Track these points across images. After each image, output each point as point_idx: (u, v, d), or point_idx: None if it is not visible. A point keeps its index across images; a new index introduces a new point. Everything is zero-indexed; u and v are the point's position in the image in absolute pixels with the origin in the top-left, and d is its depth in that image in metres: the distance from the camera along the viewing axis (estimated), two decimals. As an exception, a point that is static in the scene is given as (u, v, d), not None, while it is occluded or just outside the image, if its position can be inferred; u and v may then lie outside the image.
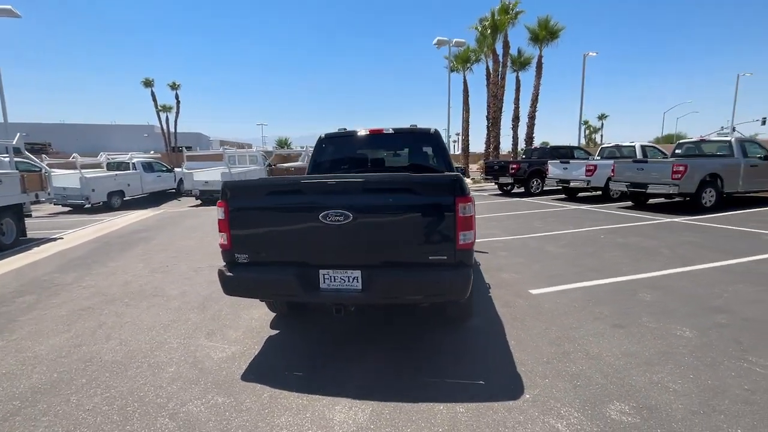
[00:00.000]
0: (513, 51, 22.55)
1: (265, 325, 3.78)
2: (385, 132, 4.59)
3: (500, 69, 20.95)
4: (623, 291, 4.37)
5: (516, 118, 23.15)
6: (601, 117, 66.70)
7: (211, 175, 15.57)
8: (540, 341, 3.26)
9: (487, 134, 23.98)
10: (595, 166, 12.19)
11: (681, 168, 9.35)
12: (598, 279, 4.78)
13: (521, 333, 3.42)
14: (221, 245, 3.00)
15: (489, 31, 20.40)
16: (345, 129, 4.80)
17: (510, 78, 22.59)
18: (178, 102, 41.11)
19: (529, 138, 23.11)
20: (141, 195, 16.09)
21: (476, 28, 21.58)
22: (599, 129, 68.07)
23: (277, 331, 3.65)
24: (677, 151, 11.63)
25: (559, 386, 2.62)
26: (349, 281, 2.81)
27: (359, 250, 2.79)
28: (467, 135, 24.53)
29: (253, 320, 3.92)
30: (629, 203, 11.24)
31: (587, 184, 12.44)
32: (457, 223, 2.63)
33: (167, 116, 41.97)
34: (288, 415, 2.42)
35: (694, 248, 6.12)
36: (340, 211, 2.70)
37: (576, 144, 21.29)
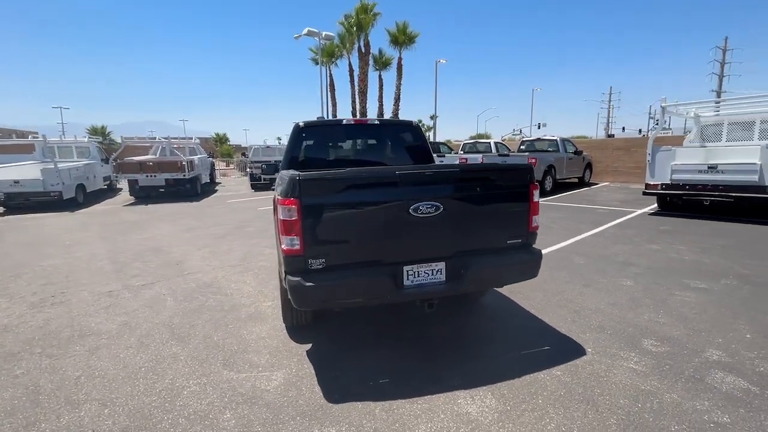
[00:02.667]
0: (374, 51, 23.87)
1: (285, 341, 3.27)
2: (369, 122, 4.45)
3: (366, 66, 21.92)
4: (562, 258, 5.42)
5: (381, 115, 24.64)
6: (432, 117, 76.57)
7: (24, 172, 11.61)
8: (550, 307, 3.82)
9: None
10: (466, 159, 14.18)
11: (533, 161, 11.80)
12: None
13: (531, 303, 3.92)
14: (289, 251, 2.48)
15: (354, 29, 21.05)
16: (322, 117, 4.43)
17: (373, 77, 23.85)
18: None
19: (392, 134, 24.92)
20: None
21: (342, 24, 21.95)
22: (432, 128, 78.04)
23: (309, 345, 3.21)
24: (522, 147, 14.55)
25: (600, 338, 3.19)
26: (433, 274, 2.74)
27: (445, 242, 2.75)
28: (335, 129, 24.83)
29: (264, 338, 3.33)
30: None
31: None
32: (531, 207, 2.89)
33: None
34: (425, 420, 2.26)
35: (569, 222, 7.94)
36: (431, 202, 2.61)
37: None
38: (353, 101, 24.40)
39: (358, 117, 24.24)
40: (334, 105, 24.23)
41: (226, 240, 7.22)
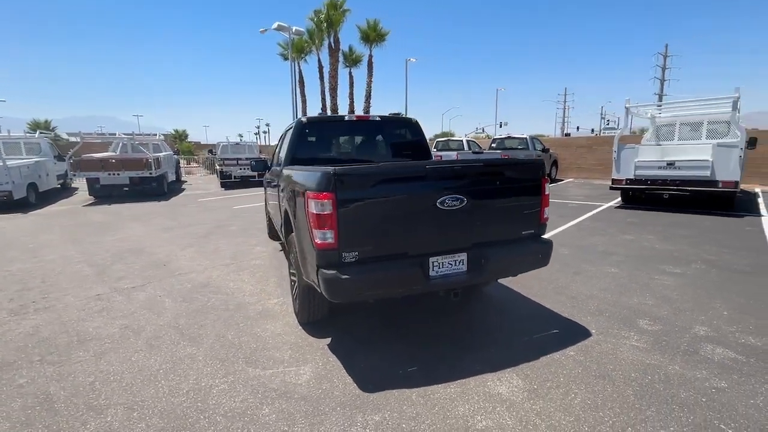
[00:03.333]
0: (345, 48, 23.72)
1: (303, 337, 3.27)
2: (371, 119, 4.50)
3: (336, 63, 21.74)
4: (548, 250, 5.73)
5: (351, 112, 24.54)
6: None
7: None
8: (549, 294, 4.07)
9: (323, 126, 24.57)
10: (441, 157, 14.50)
11: (506, 156, 12.31)
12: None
13: (530, 291, 4.15)
14: (322, 245, 2.50)
15: (324, 25, 20.79)
16: (323, 113, 4.42)
17: (343, 74, 23.71)
18: None
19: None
20: None
21: (312, 19, 21.60)
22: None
23: (328, 339, 3.24)
24: (493, 145, 15.08)
25: (600, 320, 3.45)
26: (455, 265, 2.86)
27: (466, 233, 2.87)
28: (305, 126, 24.39)
29: (280, 335, 3.32)
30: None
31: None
32: (543, 199, 3.07)
33: None
34: (462, 402, 2.37)
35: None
36: (456, 195, 2.72)
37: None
38: (323, 98, 24.14)
39: (328, 113, 24.04)
40: (304, 102, 23.89)
41: (209, 239, 7.00)
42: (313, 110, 24.79)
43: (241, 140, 27.22)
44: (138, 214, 10.07)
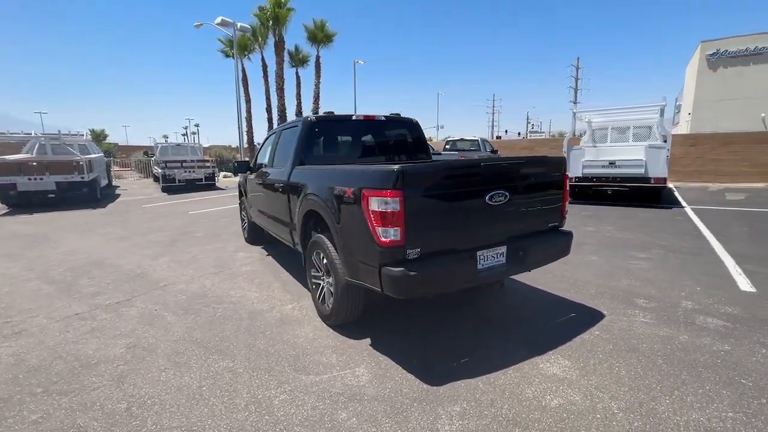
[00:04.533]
0: (291, 47, 23.07)
1: (342, 339, 3.20)
2: (377, 118, 4.51)
3: (282, 62, 21.05)
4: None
5: (299, 113, 23.90)
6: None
7: None
8: (550, 282, 4.39)
9: (269, 127, 23.65)
10: (463, 156, 14.74)
11: (462, 157, 12.89)
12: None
13: (534, 281, 4.45)
14: (386, 243, 2.48)
15: (270, 22, 20.01)
16: (332, 112, 4.33)
17: (290, 74, 23.04)
18: None
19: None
20: None
21: (257, 16, 20.61)
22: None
23: (367, 339, 3.20)
24: (447, 146, 15.69)
25: (605, 302, 3.82)
26: (497, 258, 3.00)
27: (506, 227, 3.03)
28: (251, 127, 23.26)
29: (316, 339, 3.21)
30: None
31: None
32: (564, 194, 3.34)
33: None
34: (526, 385, 2.51)
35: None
36: (502, 191, 2.87)
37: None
38: (267, 97, 23.25)
39: (274, 114, 23.21)
40: (249, 101, 22.72)
41: (178, 247, 6.45)
42: (259, 110, 23.76)
43: (166, 141, 25.20)
44: (75, 223, 8.94)
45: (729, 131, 16.04)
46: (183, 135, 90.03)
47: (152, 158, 18.25)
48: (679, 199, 10.61)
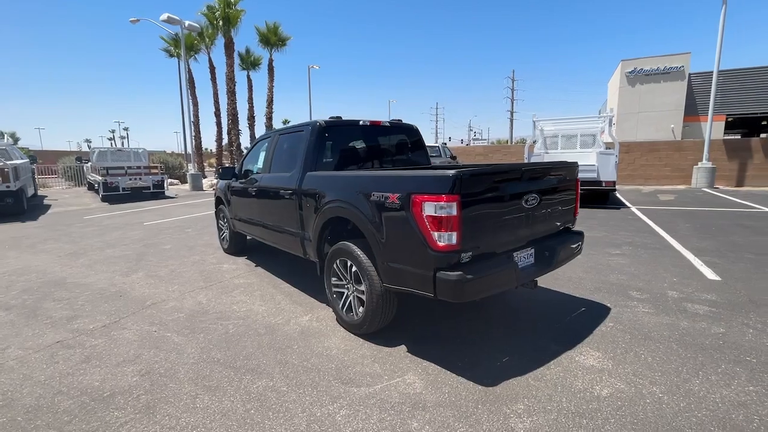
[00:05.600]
0: (242, 49, 22.11)
1: (378, 348, 3.13)
2: (382, 124, 4.50)
3: (233, 64, 20.07)
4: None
5: (251, 117, 22.93)
6: (285, 122, 74.96)
7: None
8: (549, 280, 4.64)
9: (218, 131, 22.48)
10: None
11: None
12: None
13: (532, 279, 4.68)
14: (444, 248, 2.48)
15: (220, 22, 19.01)
16: (339, 117, 4.24)
17: (241, 77, 22.09)
18: None
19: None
20: None
21: (205, 15, 19.45)
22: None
23: (402, 346, 3.16)
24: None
25: (605, 296, 4.13)
26: (527, 258, 3.14)
27: (534, 229, 3.17)
28: (198, 131, 21.81)
29: (349, 350, 3.11)
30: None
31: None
32: (577, 196, 3.57)
33: None
34: (572, 377, 2.63)
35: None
36: (535, 194, 3.00)
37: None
38: (215, 100, 22.06)
39: (224, 118, 22.10)
40: (196, 104, 21.33)
41: (149, 262, 5.89)
42: (208, 114, 22.45)
43: (90, 147, 23.01)
44: (7, 238, 7.80)
45: (653, 140, 18.13)
46: (110, 139, 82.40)
47: (87, 164, 16.42)
48: (623, 200, 11.76)
